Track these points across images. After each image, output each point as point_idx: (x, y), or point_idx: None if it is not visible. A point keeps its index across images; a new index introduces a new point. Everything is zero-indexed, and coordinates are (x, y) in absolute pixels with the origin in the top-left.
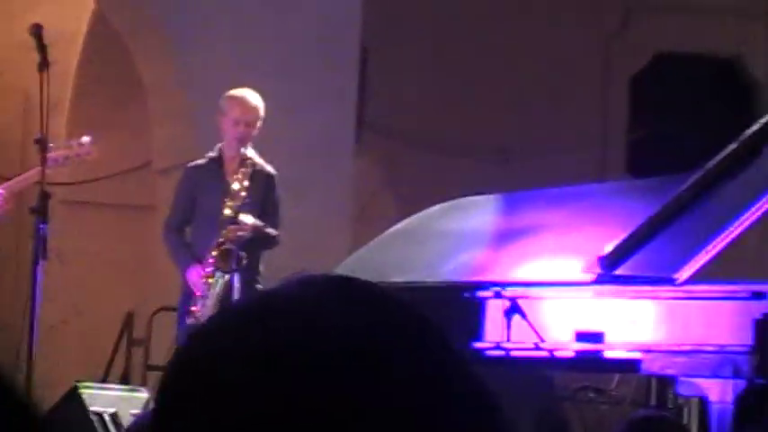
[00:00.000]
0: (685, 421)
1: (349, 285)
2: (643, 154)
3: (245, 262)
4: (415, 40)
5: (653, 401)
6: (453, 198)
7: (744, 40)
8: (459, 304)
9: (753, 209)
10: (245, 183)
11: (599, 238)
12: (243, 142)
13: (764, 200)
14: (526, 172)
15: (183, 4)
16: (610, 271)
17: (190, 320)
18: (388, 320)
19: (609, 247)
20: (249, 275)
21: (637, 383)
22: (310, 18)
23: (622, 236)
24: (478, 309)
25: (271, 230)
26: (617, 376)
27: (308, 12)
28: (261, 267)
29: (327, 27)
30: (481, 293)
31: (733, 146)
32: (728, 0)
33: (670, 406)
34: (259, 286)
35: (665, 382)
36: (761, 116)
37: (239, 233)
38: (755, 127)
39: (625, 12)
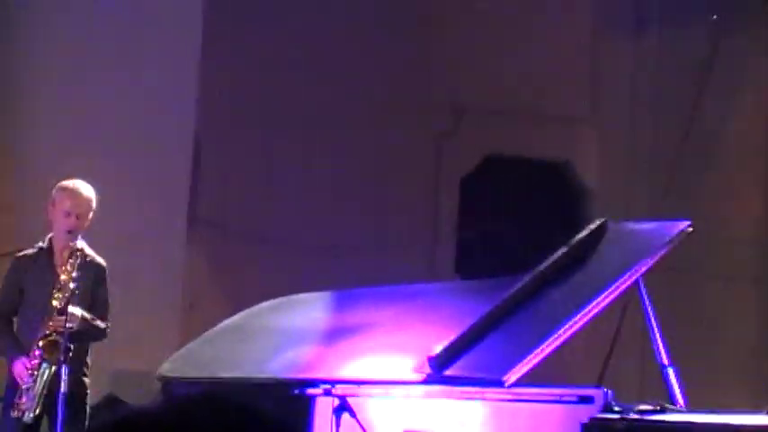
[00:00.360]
0: None
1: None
2: (472, 254)
3: (71, 354)
4: (250, 134)
5: None
6: (283, 294)
7: (573, 144)
8: (288, 401)
9: (581, 313)
10: (74, 274)
11: (429, 337)
12: (73, 233)
13: (593, 304)
14: (356, 269)
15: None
16: (439, 371)
17: (14, 413)
18: None
19: (439, 348)
20: (76, 368)
21: None
22: (142, 107)
23: (452, 336)
24: (308, 406)
25: (99, 323)
26: None
27: (141, 100)
28: (88, 360)
29: (161, 116)
30: (310, 391)
31: (562, 250)
32: (559, 105)
33: None
34: (86, 379)
35: None
36: (589, 221)
37: (67, 325)
38: (584, 232)
39: (456, 113)
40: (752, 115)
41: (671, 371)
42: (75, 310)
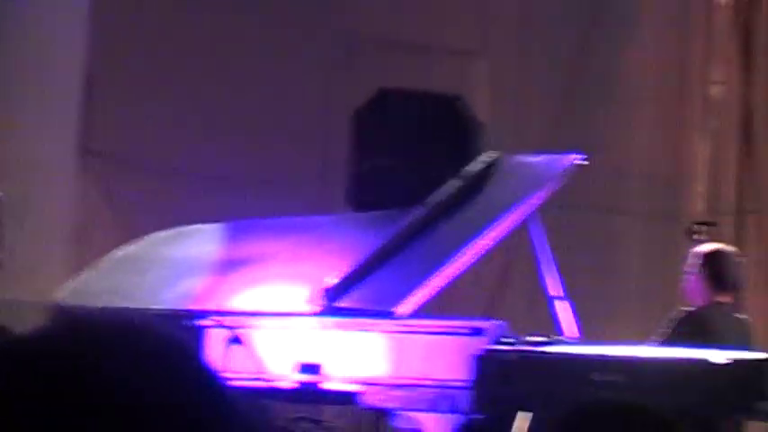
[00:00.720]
0: None
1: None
2: (365, 188)
3: None
4: (144, 67)
5: None
6: (172, 225)
7: (466, 78)
8: (180, 333)
9: (473, 245)
10: None
11: (323, 269)
12: None
13: (485, 237)
14: (246, 201)
15: None
16: (332, 303)
17: None
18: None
19: (332, 279)
20: None
21: (353, 415)
22: (33, 41)
23: (346, 268)
24: (198, 337)
25: None
26: (331, 407)
27: (32, 29)
28: None
29: (53, 46)
30: (201, 322)
31: (454, 183)
32: (452, 39)
33: None
34: None
35: (382, 414)
36: (480, 154)
37: None
38: (476, 165)
39: (349, 47)
40: (647, 45)
41: (563, 303)
42: None
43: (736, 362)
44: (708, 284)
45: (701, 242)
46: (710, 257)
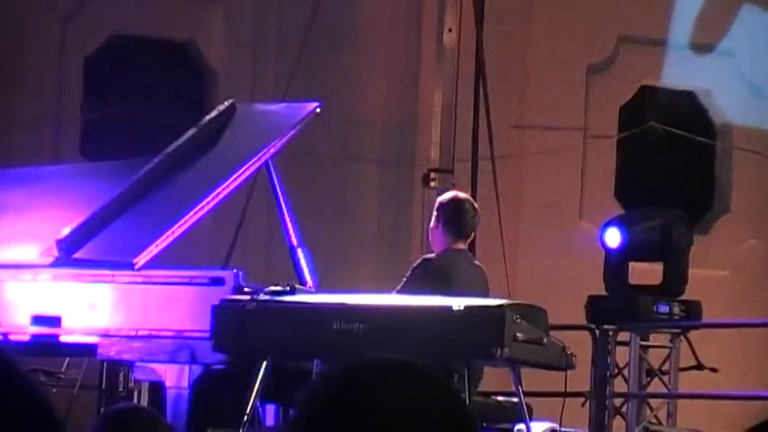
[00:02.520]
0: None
1: None
2: (97, 137)
3: None
4: None
5: (104, 384)
6: None
7: (200, 24)
8: None
9: (211, 195)
10: None
11: (57, 220)
12: None
13: (222, 186)
14: None
15: None
16: (68, 254)
17: None
18: None
19: (66, 231)
20: None
21: (88, 366)
22: None
23: (81, 219)
24: None
25: None
26: (67, 359)
27: None
28: None
29: None
30: None
31: (190, 132)
32: None
33: (121, 390)
34: None
35: (120, 366)
36: (215, 103)
37: None
38: (213, 114)
39: None
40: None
41: (300, 252)
42: None
43: (474, 308)
44: (445, 232)
45: (437, 189)
46: (447, 205)
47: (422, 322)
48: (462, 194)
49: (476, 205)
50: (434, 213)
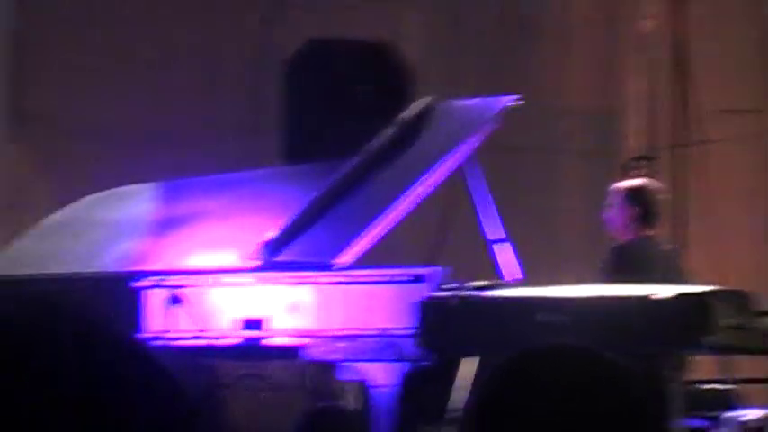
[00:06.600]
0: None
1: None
2: (298, 140)
3: None
4: (75, 27)
5: (312, 387)
6: (110, 188)
7: (398, 25)
8: (120, 295)
9: (410, 192)
10: None
11: (260, 224)
12: None
13: (422, 183)
14: (183, 160)
15: None
16: (271, 257)
17: None
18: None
19: (270, 234)
20: None
21: (295, 369)
22: None
23: (283, 222)
24: (139, 299)
25: None
26: (276, 363)
27: None
28: None
29: None
30: (141, 283)
31: (389, 131)
32: None
33: (330, 391)
34: None
35: (326, 366)
36: (414, 102)
37: None
38: (410, 112)
39: None
40: None
41: (504, 246)
42: None
43: (677, 296)
44: (636, 218)
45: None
46: (637, 192)
47: (624, 312)
48: (648, 180)
49: (662, 192)
50: (618, 200)
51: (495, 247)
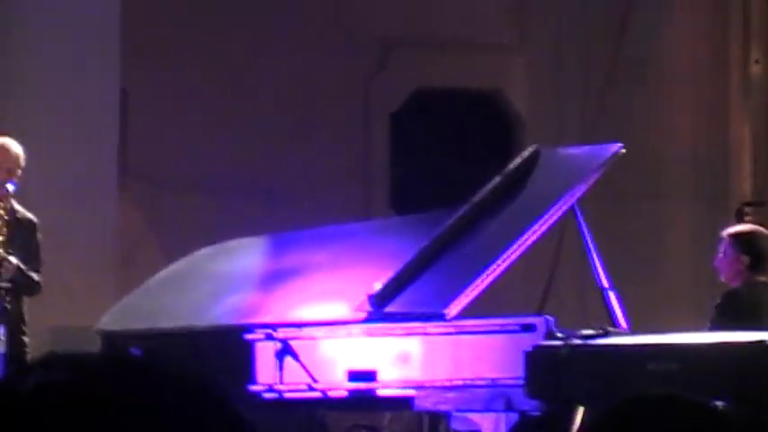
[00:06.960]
0: None
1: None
2: (406, 191)
3: (8, 313)
4: (177, 82)
5: None
6: (219, 241)
7: (503, 73)
8: (230, 348)
9: (518, 242)
10: (4, 229)
11: (368, 276)
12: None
13: (529, 232)
14: (290, 212)
15: None
16: (380, 309)
17: None
18: (167, 400)
19: (378, 285)
20: (14, 327)
21: (409, 419)
22: (68, 61)
23: (391, 273)
24: (250, 351)
25: (33, 275)
26: (389, 413)
27: (66, 54)
28: (26, 318)
29: (85, 70)
30: (252, 336)
31: (495, 180)
32: (488, 34)
33: None
34: (25, 338)
35: (438, 417)
36: (521, 149)
37: (2, 275)
38: (517, 161)
39: (384, 48)
40: (684, 28)
41: (611, 294)
42: (11, 258)
43: None
44: (747, 265)
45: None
46: (747, 238)
47: (737, 359)
48: (758, 226)
49: None
50: (728, 246)
51: (606, 294)
